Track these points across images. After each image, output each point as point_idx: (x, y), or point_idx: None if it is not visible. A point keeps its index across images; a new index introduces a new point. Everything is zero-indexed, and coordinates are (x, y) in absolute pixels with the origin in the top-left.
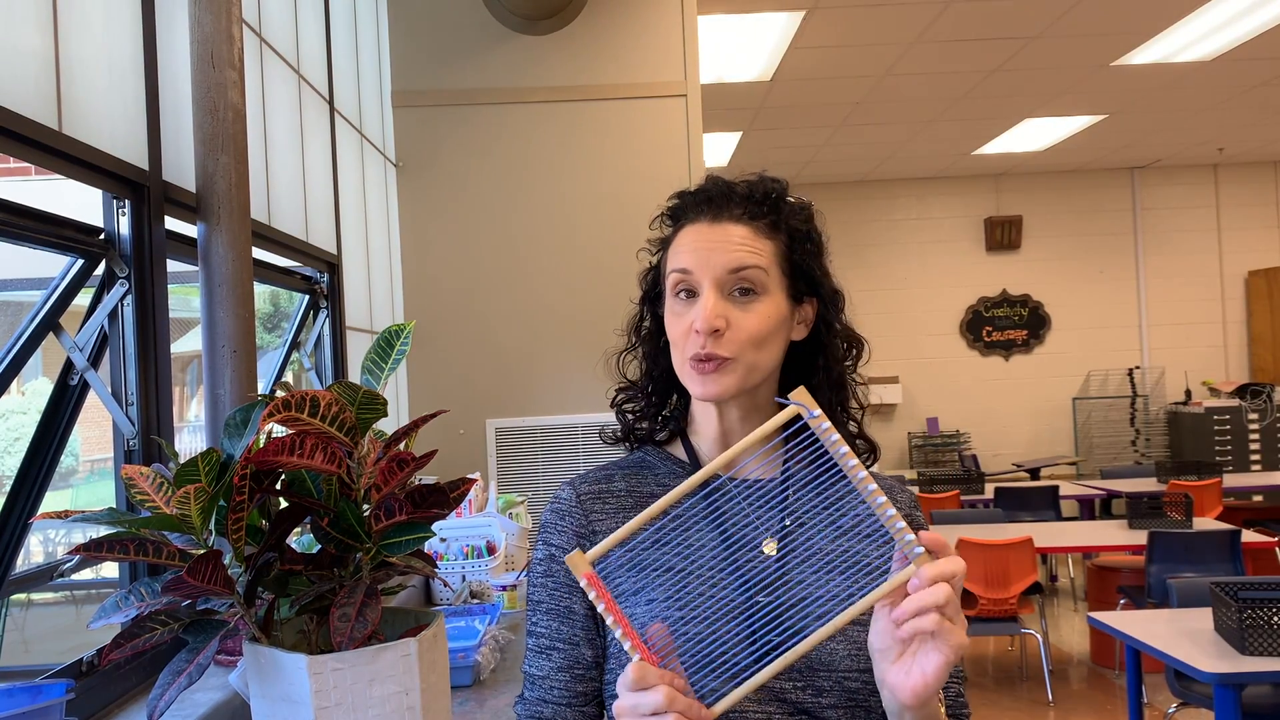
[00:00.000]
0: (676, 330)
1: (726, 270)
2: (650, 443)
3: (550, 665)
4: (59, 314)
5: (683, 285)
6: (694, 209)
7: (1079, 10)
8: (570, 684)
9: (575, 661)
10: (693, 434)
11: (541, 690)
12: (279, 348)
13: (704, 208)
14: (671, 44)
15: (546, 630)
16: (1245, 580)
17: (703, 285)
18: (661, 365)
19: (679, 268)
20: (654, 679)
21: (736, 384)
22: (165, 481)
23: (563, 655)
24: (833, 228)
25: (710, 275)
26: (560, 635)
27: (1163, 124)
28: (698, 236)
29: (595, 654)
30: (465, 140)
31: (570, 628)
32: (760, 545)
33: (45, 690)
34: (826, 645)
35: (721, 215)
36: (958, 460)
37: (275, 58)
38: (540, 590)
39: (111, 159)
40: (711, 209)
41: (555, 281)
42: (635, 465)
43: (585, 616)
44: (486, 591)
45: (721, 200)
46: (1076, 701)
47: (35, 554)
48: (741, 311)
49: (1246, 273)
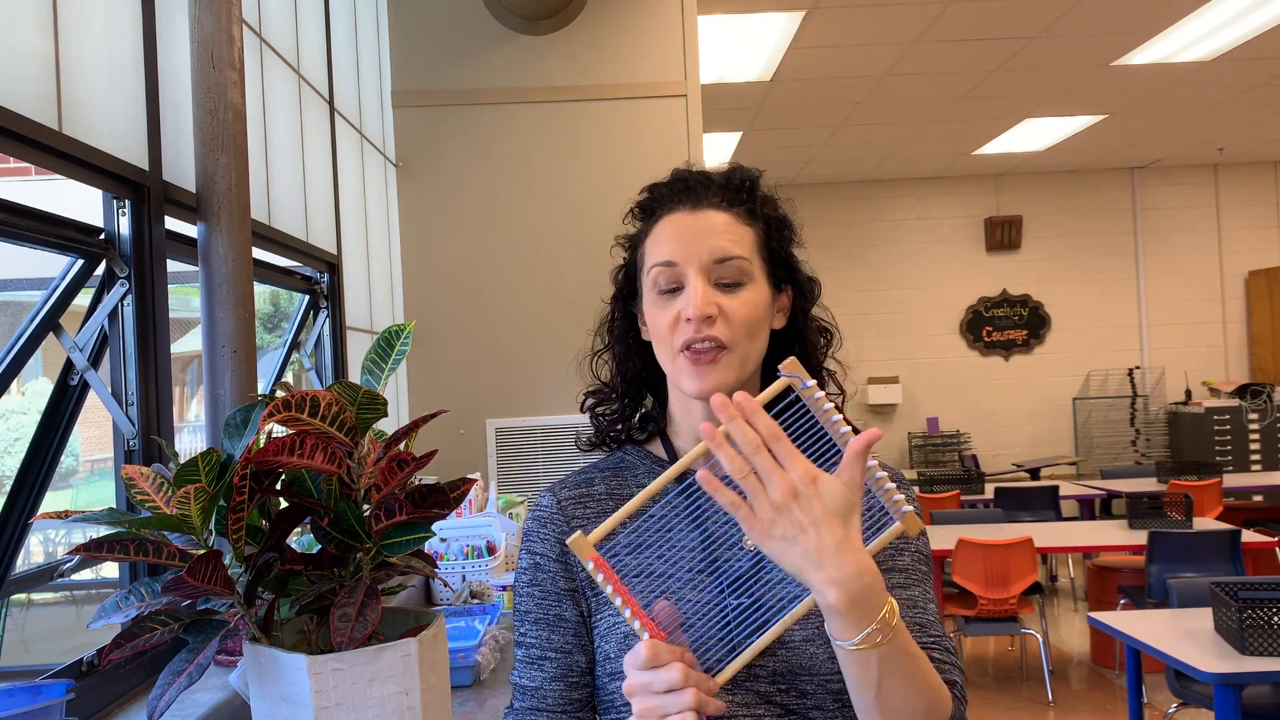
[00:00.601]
0: (662, 323)
1: (712, 259)
2: (629, 443)
3: (543, 675)
4: (59, 314)
5: (665, 278)
6: (670, 199)
7: (1079, 10)
8: (565, 692)
9: (569, 670)
10: (672, 433)
11: (534, 700)
12: (279, 348)
13: (682, 197)
14: (671, 44)
15: (537, 640)
16: (1245, 580)
17: (688, 274)
18: (635, 365)
19: (661, 261)
20: (667, 656)
21: (734, 376)
22: (165, 481)
23: (555, 665)
24: (833, 228)
25: (696, 264)
26: (552, 644)
27: (1163, 124)
28: (678, 226)
29: (588, 660)
30: (465, 140)
31: (562, 636)
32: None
33: (45, 690)
34: (806, 650)
35: (701, 203)
36: (958, 460)
37: (275, 58)
38: (527, 600)
39: (111, 159)
40: (690, 197)
41: (555, 281)
42: (614, 467)
43: (577, 623)
44: (486, 591)
45: (700, 188)
46: (1076, 701)
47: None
48: (730, 299)
49: (1246, 273)
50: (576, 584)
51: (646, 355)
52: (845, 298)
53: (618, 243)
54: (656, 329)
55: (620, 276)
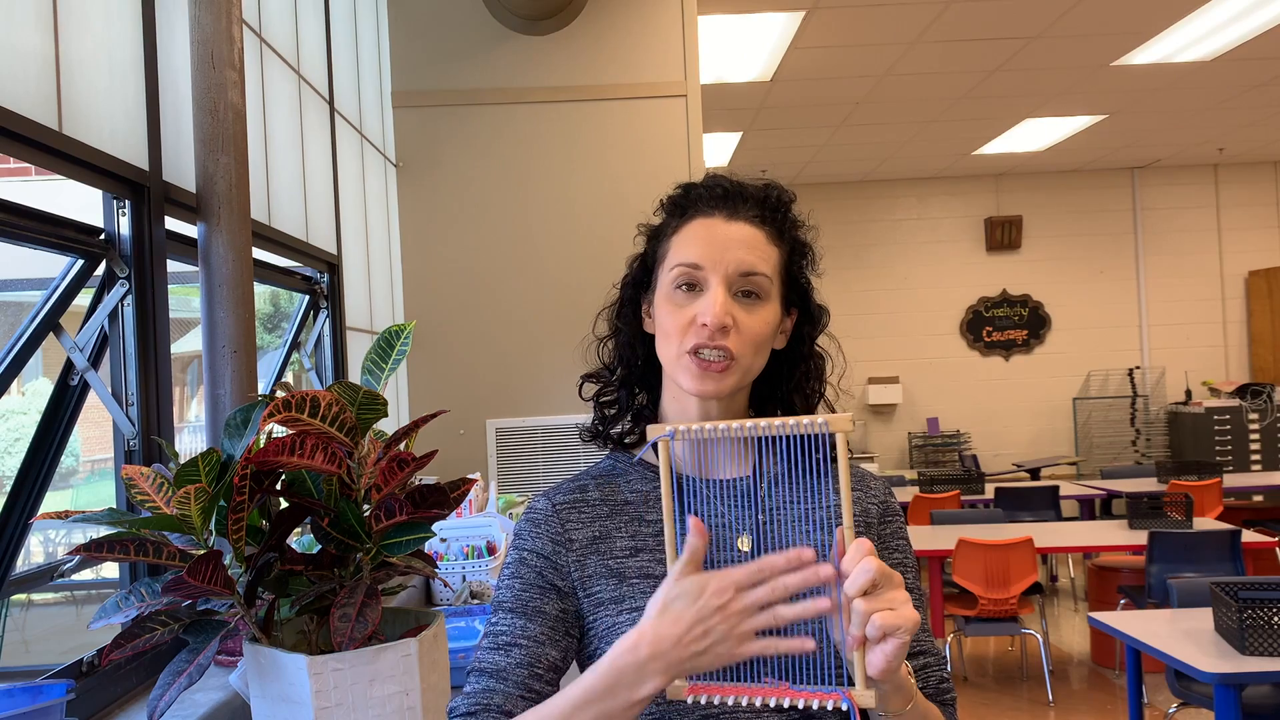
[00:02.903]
0: (674, 322)
1: (738, 271)
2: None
3: (509, 660)
4: (59, 314)
5: (687, 279)
6: (707, 202)
7: (1079, 10)
8: (527, 680)
9: (537, 659)
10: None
11: (493, 680)
12: (279, 348)
13: (719, 203)
14: (671, 44)
15: (509, 628)
16: (1245, 580)
17: (711, 281)
18: (639, 355)
19: (688, 261)
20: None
21: (733, 384)
22: (165, 482)
23: (524, 651)
24: (833, 227)
25: (721, 272)
26: (526, 633)
27: (1163, 124)
28: (711, 232)
29: (560, 656)
30: (465, 140)
31: (538, 626)
32: (735, 543)
33: (46, 690)
34: None
35: (736, 214)
36: (958, 460)
37: (275, 58)
38: (505, 592)
39: (112, 159)
40: (726, 205)
41: (555, 281)
42: (606, 474)
43: (555, 618)
44: (487, 591)
45: (737, 199)
46: (1077, 701)
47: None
48: (746, 314)
49: (1246, 273)
50: (567, 584)
51: (648, 346)
52: (845, 298)
53: (640, 231)
54: (666, 326)
55: (637, 265)
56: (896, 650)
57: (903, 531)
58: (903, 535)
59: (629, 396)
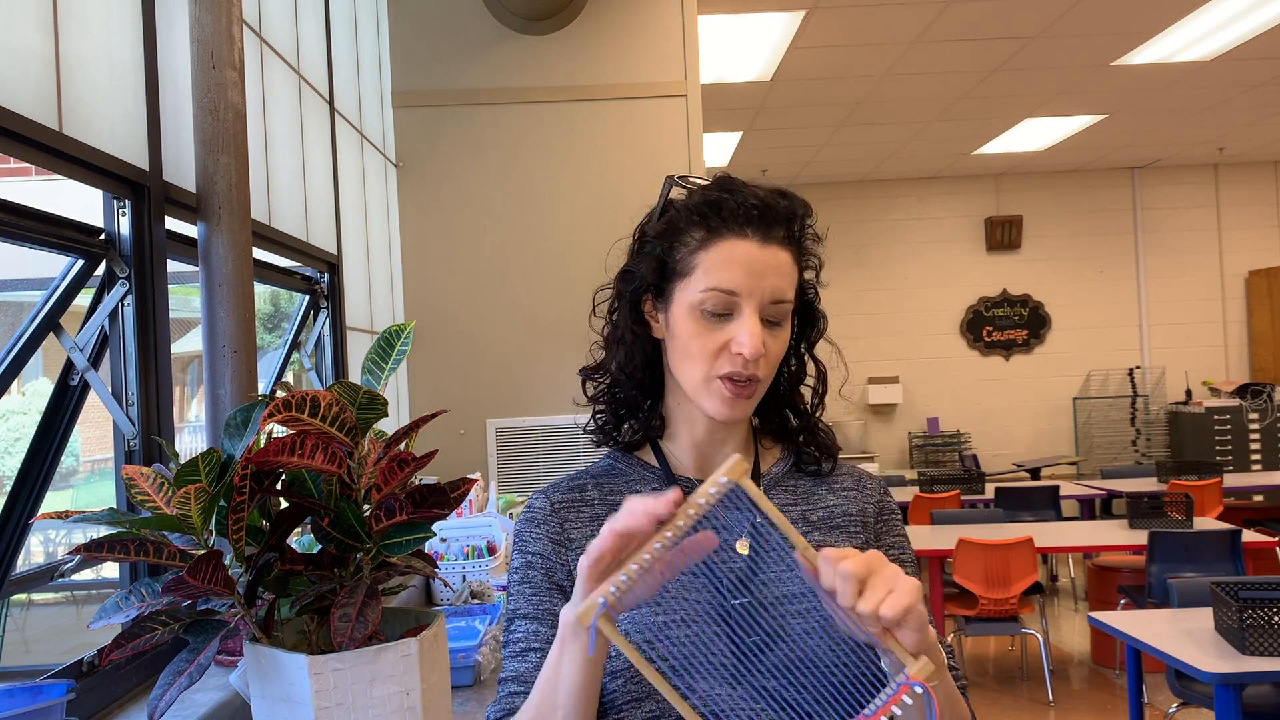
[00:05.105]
0: (702, 346)
1: (770, 299)
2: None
3: (527, 665)
4: (59, 314)
5: (720, 305)
6: (741, 221)
7: (1079, 10)
8: None
9: None
10: (667, 438)
11: (516, 685)
12: (279, 348)
13: (754, 224)
14: (671, 44)
15: (524, 634)
16: (1245, 580)
17: (745, 309)
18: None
19: (724, 287)
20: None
21: (755, 405)
22: (166, 481)
23: (540, 655)
24: (833, 228)
25: (756, 301)
26: (540, 636)
27: (1163, 124)
28: (749, 257)
29: None
30: (465, 140)
31: (549, 629)
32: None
33: (46, 690)
34: (806, 642)
35: (770, 237)
36: (958, 460)
37: (275, 58)
38: (518, 598)
39: (112, 159)
40: (760, 228)
41: (555, 281)
42: (605, 473)
43: None
44: (487, 591)
45: (769, 219)
46: (1077, 701)
47: (36, 554)
48: (772, 339)
49: (1246, 273)
50: (570, 582)
51: (653, 352)
52: (845, 298)
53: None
54: (692, 348)
55: (649, 267)
56: (917, 619)
57: (900, 529)
58: (900, 533)
59: (630, 402)
